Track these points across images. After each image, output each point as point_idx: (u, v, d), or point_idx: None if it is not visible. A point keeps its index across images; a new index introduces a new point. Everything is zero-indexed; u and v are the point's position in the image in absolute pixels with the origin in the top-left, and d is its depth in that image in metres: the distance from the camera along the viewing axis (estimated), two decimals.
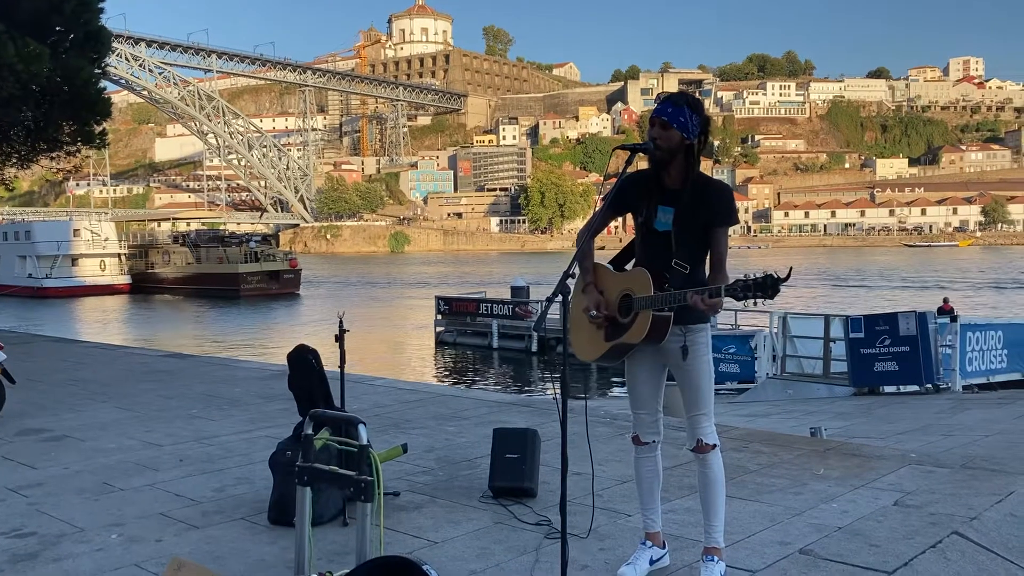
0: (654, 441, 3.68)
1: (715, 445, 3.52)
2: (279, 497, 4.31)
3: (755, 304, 3.04)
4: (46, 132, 16.84)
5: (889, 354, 12.34)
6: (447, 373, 25.41)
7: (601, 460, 5.31)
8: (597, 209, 3.50)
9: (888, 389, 12.91)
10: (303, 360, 4.42)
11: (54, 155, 17.48)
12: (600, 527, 4.22)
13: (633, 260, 3.60)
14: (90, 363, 10.73)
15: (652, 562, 3.65)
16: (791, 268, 3.03)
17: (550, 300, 3.13)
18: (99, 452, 5.97)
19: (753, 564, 3.68)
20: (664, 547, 3.72)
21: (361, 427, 2.48)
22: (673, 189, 3.42)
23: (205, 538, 4.16)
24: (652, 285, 3.34)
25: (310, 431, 2.67)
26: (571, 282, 3.25)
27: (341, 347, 4.51)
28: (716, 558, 3.48)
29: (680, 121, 3.33)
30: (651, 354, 3.53)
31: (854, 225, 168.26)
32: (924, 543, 3.86)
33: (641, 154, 3.42)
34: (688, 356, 3.44)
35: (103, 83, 16.82)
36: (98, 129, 16.71)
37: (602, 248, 3.65)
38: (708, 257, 3.44)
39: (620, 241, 3.80)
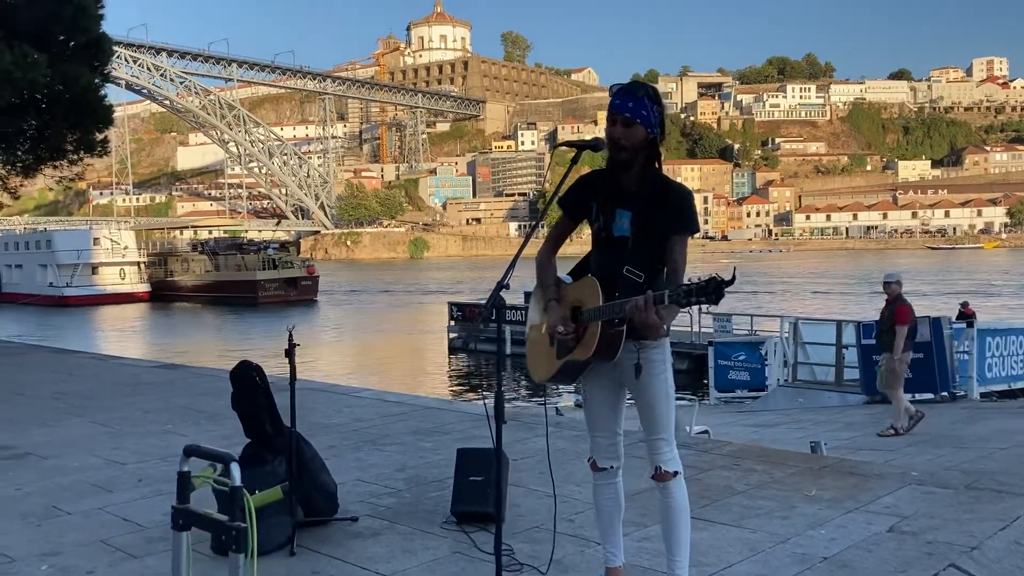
0: (612, 467, 3.35)
1: (676, 472, 3.18)
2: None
3: (700, 310, 2.72)
4: (49, 141, 16.73)
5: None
6: (457, 380, 25.15)
7: (579, 481, 4.97)
8: (542, 216, 3.18)
9: None
10: (246, 377, 4.13)
11: (57, 164, 17.35)
12: (565, 557, 3.90)
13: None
14: (80, 375, 10.52)
15: None
16: (735, 268, 2.70)
17: (484, 317, 2.82)
18: (58, 471, 5.72)
19: None
20: None
21: (234, 465, 2.18)
22: (631, 190, 3.10)
23: (140, 569, 3.88)
24: (601, 295, 3.02)
25: (186, 468, 2.36)
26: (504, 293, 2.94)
27: (291, 362, 4.21)
28: None
29: (643, 115, 3.00)
30: (606, 372, 3.21)
31: (876, 228, 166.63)
32: None
33: (592, 151, 3.10)
34: (641, 374, 3.11)
35: (106, 90, 16.68)
36: (100, 137, 16.57)
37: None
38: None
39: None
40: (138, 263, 66.17)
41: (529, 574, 3.73)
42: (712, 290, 2.61)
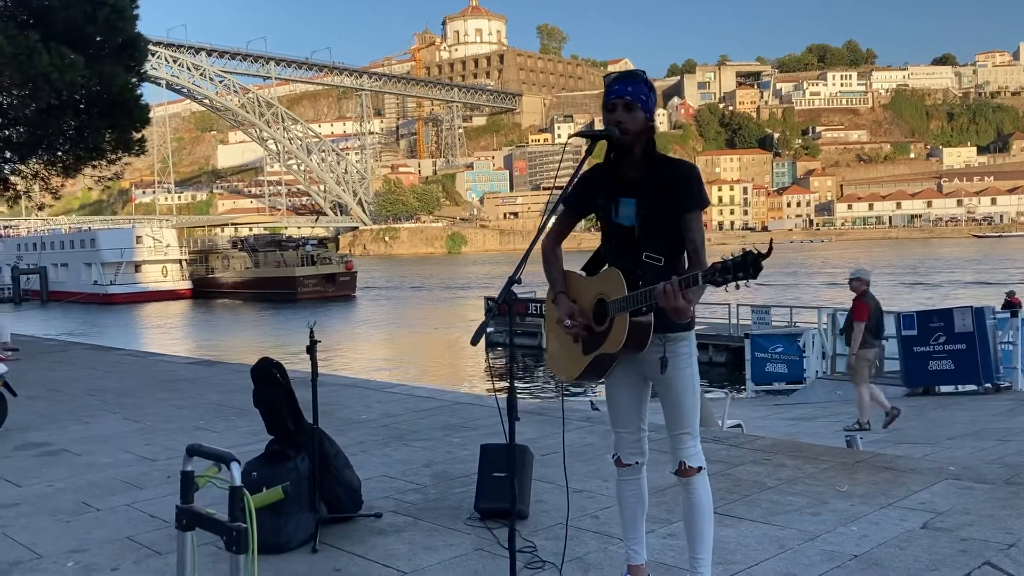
0: (637, 463, 3.28)
1: (700, 468, 3.10)
2: None
3: (737, 287, 2.60)
4: (87, 140, 16.97)
5: (944, 352, 11.67)
6: (491, 375, 25.11)
7: (607, 476, 4.91)
8: (554, 210, 3.12)
9: (945, 389, 12.21)
10: (267, 374, 4.12)
11: (96, 163, 17.60)
12: (588, 554, 3.84)
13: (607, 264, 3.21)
14: (116, 372, 10.66)
15: None
16: (771, 241, 2.59)
17: (491, 311, 2.77)
18: (90, 468, 5.77)
19: None
20: None
21: (234, 465, 2.14)
22: (631, 178, 3.03)
23: (163, 566, 3.88)
24: (625, 285, 2.95)
25: (190, 468, 2.34)
26: (517, 288, 2.88)
27: (313, 358, 4.19)
28: None
29: (642, 100, 2.95)
30: (630, 366, 3.13)
31: (920, 216, 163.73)
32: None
33: (606, 141, 3.03)
34: (667, 368, 3.03)
35: (142, 90, 16.87)
36: (137, 136, 16.78)
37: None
38: (684, 247, 3.03)
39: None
40: (180, 261, 67.12)
41: (550, 572, 3.68)
42: (751, 263, 2.50)
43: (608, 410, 3.33)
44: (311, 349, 4.19)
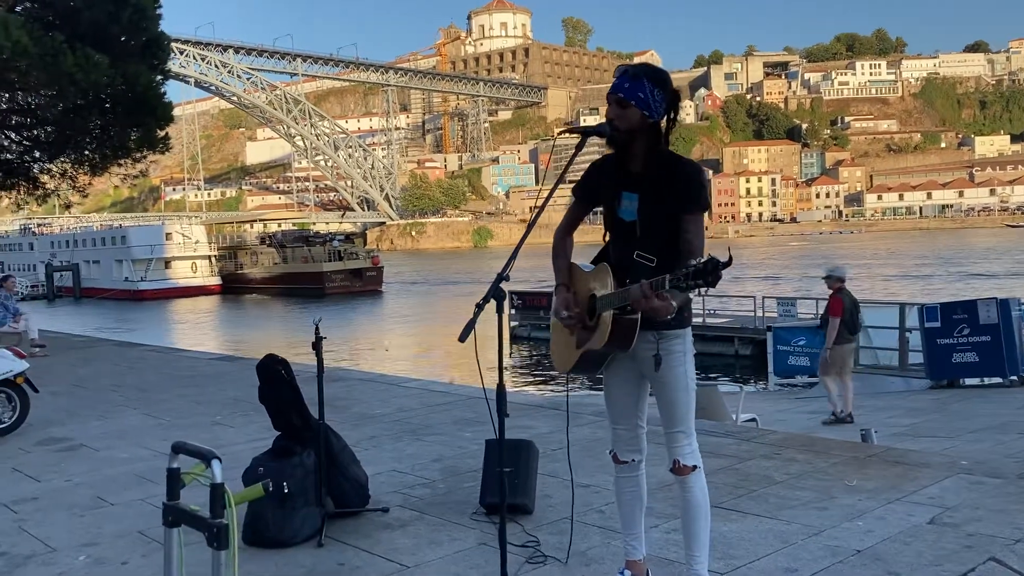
0: (634, 460, 3.28)
1: (695, 467, 3.10)
2: (252, 516, 4.07)
3: (698, 293, 2.62)
4: (113, 139, 17.19)
5: (968, 344, 11.52)
6: (516, 371, 25.15)
7: (613, 471, 4.90)
8: (544, 205, 3.12)
9: (970, 382, 12.07)
10: (272, 371, 4.17)
11: (122, 162, 17.83)
12: (591, 549, 3.85)
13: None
14: (140, 367, 10.81)
15: None
16: (730, 251, 2.59)
17: (480, 306, 2.79)
18: (107, 463, 5.87)
19: None
20: None
21: (215, 463, 2.18)
22: (636, 173, 3.02)
23: None
24: (612, 283, 2.96)
25: (176, 465, 2.38)
26: (505, 285, 2.90)
27: (319, 355, 4.24)
28: None
29: (639, 97, 2.92)
30: (627, 362, 3.14)
31: (952, 207, 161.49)
32: (953, 571, 3.38)
33: (599, 137, 3.03)
34: (661, 366, 3.03)
35: (166, 88, 17.06)
36: (161, 134, 16.96)
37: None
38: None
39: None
40: (209, 257, 67.71)
41: (553, 566, 3.70)
42: (709, 272, 2.51)
43: (605, 406, 3.34)
44: (317, 345, 4.23)
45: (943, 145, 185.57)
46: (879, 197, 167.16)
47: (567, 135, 3.21)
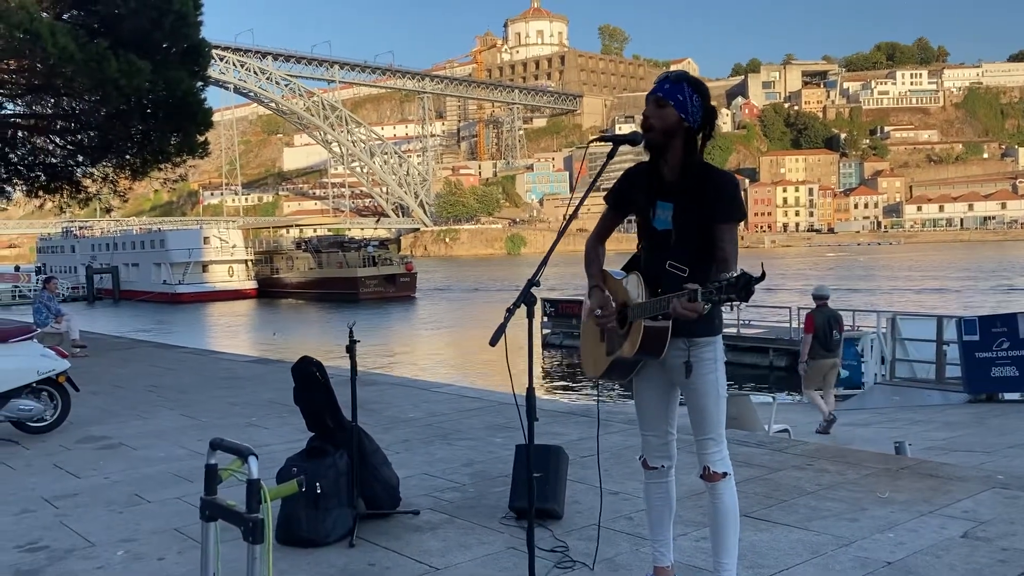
0: (663, 466, 3.30)
1: (726, 474, 3.11)
2: (285, 516, 4.13)
3: (731, 308, 2.64)
4: (153, 144, 17.48)
5: (1008, 358, 11.33)
6: (549, 378, 25.15)
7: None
8: (575, 213, 3.15)
9: (1009, 396, 11.87)
10: (307, 373, 4.23)
11: (162, 166, 18.13)
12: (619, 555, 3.87)
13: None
14: (178, 369, 10.98)
15: None
16: (763, 265, 2.61)
17: (511, 311, 2.82)
18: (145, 461, 5.98)
19: None
20: None
21: (252, 459, 2.24)
22: (671, 181, 3.04)
23: None
24: (645, 291, 2.98)
25: (213, 461, 2.44)
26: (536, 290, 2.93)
27: (352, 358, 4.30)
28: None
29: (678, 99, 2.95)
30: (658, 369, 3.16)
31: (994, 218, 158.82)
32: None
33: (630, 146, 3.06)
34: (692, 374, 3.05)
35: (205, 94, 17.32)
36: (200, 139, 17.23)
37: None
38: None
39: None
40: (245, 261, 68.50)
41: (581, 571, 3.72)
42: (741, 287, 2.54)
43: (636, 412, 3.36)
44: (351, 348, 4.29)
45: (985, 156, 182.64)
46: (919, 208, 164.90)
47: (598, 143, 3.23)
